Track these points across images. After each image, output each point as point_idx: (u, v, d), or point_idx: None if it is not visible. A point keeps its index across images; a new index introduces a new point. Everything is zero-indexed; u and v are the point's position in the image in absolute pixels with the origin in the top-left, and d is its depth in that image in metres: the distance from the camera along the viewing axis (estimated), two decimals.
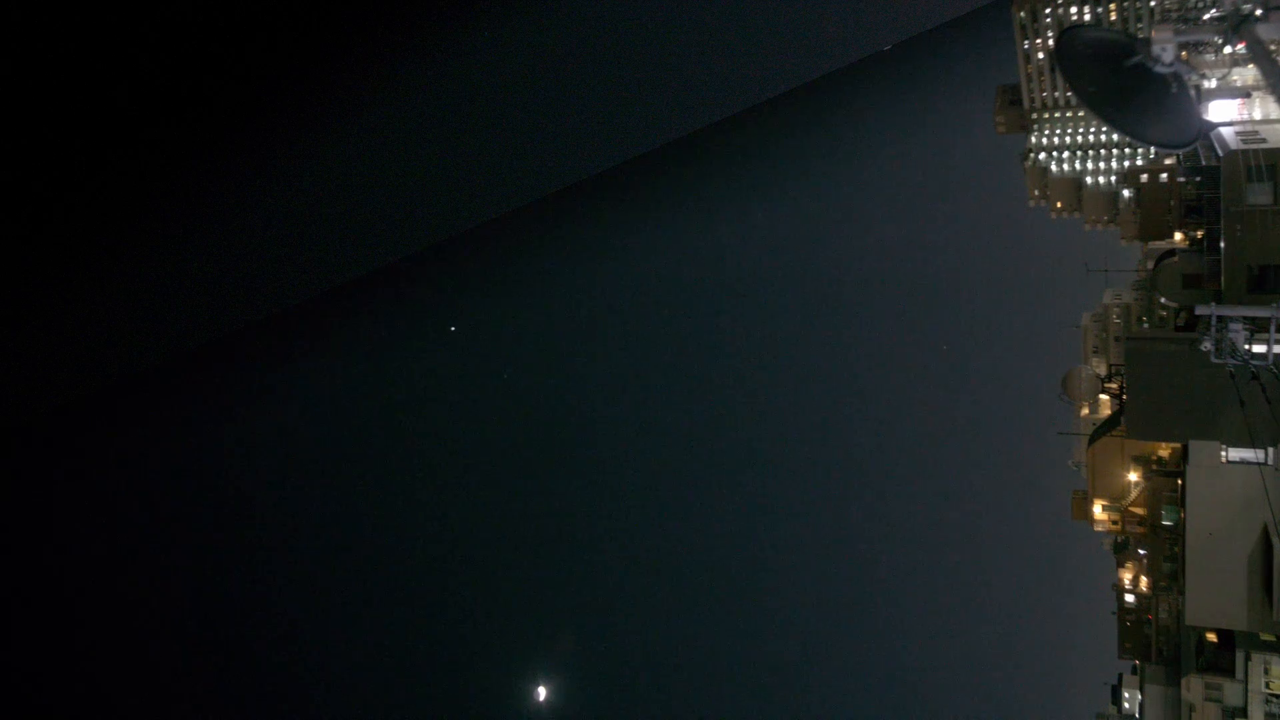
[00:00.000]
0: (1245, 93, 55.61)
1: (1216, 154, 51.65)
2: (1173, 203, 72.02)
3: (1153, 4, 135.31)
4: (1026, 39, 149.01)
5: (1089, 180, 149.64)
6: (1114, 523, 68.07)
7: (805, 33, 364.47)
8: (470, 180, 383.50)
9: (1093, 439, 69.52)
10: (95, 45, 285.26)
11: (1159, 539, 60.82)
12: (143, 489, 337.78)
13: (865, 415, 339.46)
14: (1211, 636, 54.21)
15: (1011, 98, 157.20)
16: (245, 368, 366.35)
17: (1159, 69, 14.47)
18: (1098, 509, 68.24)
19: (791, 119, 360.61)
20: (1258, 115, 55.86)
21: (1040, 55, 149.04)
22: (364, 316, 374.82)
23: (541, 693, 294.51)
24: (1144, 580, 67.70)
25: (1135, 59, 14.70)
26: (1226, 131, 52.68)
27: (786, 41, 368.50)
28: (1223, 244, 50.36)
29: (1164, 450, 61.05)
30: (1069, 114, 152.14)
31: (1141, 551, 67.12)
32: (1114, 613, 72.65)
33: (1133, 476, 64.78)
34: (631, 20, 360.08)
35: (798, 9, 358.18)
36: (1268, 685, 51.41)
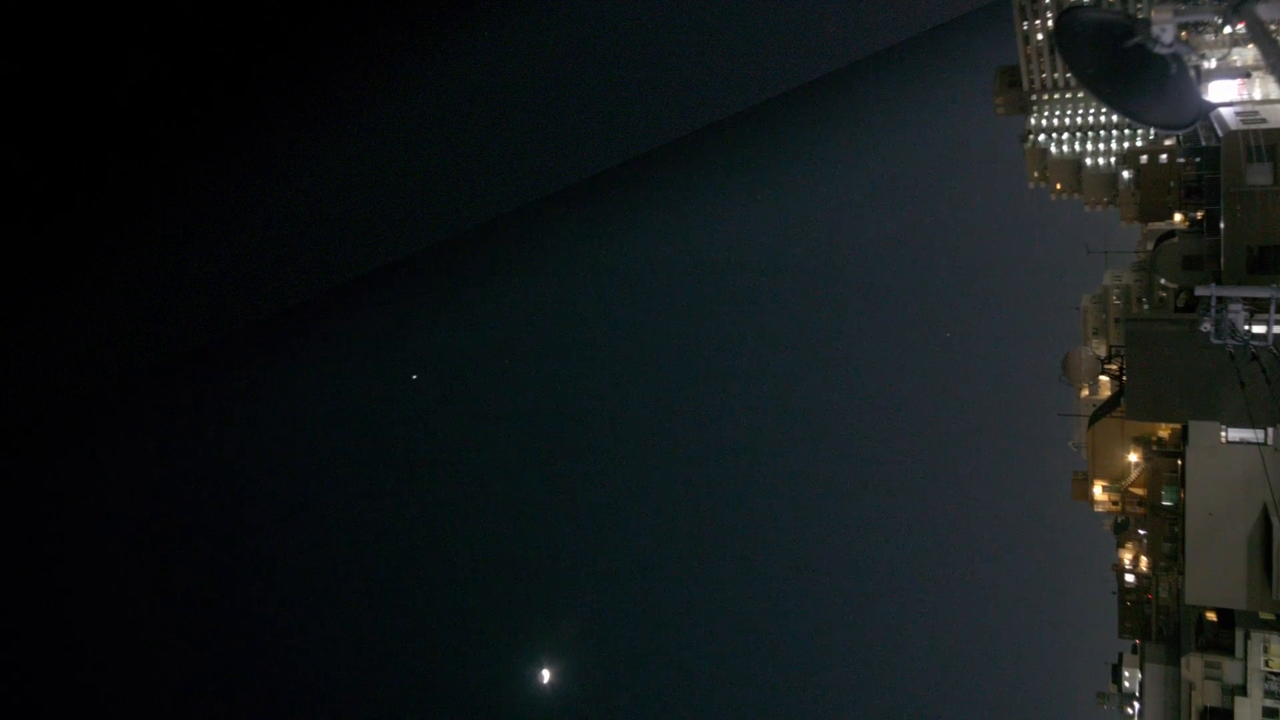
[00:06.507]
0: (1245, 73, 55.45)
1: (1216, 135, 51.58)
2: (1172, 184, 71.88)
3: None
4: (1025, 20, 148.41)
5: (1089, 161, 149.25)
6: (1114, 503, 68.29)
7: (805, 33, 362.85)
8: (470, 180, 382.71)
9: (1093, 420, 69.65)
10: (95, 45, 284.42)
11: (1159, 519, 61.06)
12: (143, 489, 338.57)
13: (868, 400, 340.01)
14: (1211, 615, 54.49)
15: (1011, 79, 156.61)
16: (245, 368, 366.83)
17: (1158, 50, 14.48)
18: (1098, 490, 68.43)
19: (791, 119, 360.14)
20: (1257, 95, 55.74)
21: (1039, 36, 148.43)
22: (364, 316, 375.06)
23: (545, 675, 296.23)
24: (1144, 560, 67.98)
25: (1135, 40, 14.71)
26: (1226, 112, 52.57)
27: (786, 41, 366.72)
28: (1222, 225, 50.33)
29: (1164, 431, 61.17)
30: (1069, 95, 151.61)
31: (1141, 532, 67.38)
32: (1114, 593, 73.02)
33: (1133, 457, 64.94)
34: (631, 20, 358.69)
35: (798, 9, 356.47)
36: (1267, 664, 51.72)
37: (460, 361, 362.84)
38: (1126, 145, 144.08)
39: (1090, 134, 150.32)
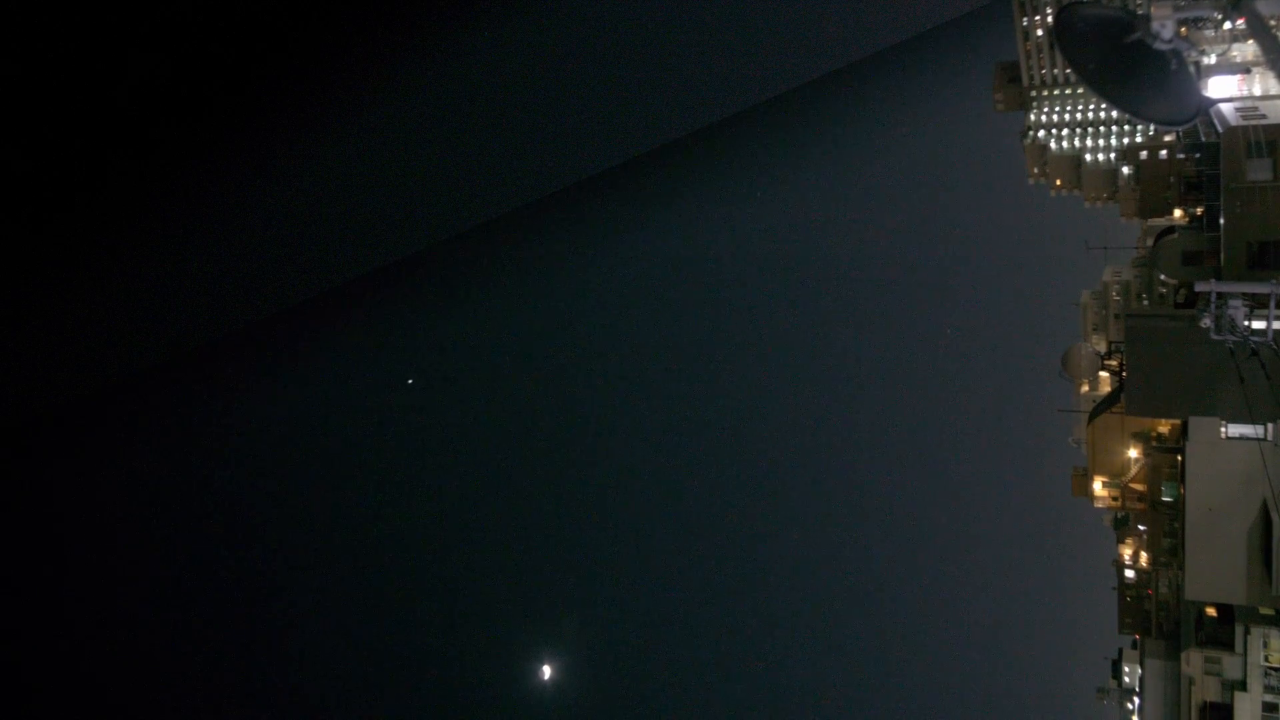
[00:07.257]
0: (1245, 68, 55.52)
1: (1216, 130, 51.57)
2: (1172, 179, 71.78)
3: None
4: (1025, 16, 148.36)
5: (1088, 157, 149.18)
6: (1114, 499, 68.44)
7: (805, 33, 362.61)
8: (470, 180, 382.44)
9: (1093, 416, 69.75)
10: (95, 45, 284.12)
11: (1159, 515, 61.13)
12: (143, 489, 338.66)
13: (868, 397, 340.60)
14: (1211, 611, 54.58)
15: (1010, 75, 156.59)
16: (245, 368, 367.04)
17: (1158, 45, 14.49)
18: (1098, 485, 68.57)
19: (791, 119, 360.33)
20: (1257, 91, 55.79)
21: (1039, 32, 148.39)
22: (364, 316, 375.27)
23: (546, 672, 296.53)
24: (1144, 556, 68.05)
25: (1134, 35, 14.73)
26: (1226, 107, 52.57)
27: (786, 41, 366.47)
28: (1222, 220, 50.35)
29: (1164, 426, 61.26)
30: (1068, 91, 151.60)
31: (1141, 527, 67.49)
32: (1114, 588, 73.13)
33: (1132, 453, 65.05)
34: (631, 20, 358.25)
35: (798, 9, 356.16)
36: (1266, 659, 51.80)
37: (460, 361, 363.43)
38: (1126, 141, 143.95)
39: (1090, 130, 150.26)
